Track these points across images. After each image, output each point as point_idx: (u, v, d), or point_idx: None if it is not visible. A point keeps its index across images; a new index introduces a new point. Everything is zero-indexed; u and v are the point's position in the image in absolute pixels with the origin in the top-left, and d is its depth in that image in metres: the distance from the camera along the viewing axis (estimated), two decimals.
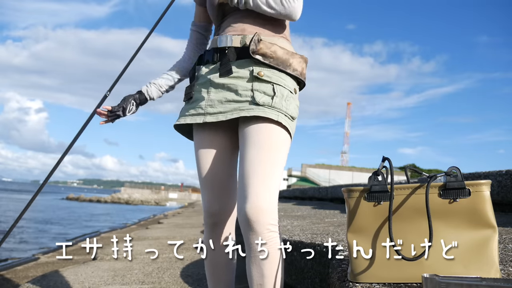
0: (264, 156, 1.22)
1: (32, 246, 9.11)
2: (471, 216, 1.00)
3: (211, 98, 1.33)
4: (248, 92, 1.28)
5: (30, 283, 2.73)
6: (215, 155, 1.39)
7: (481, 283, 0.86)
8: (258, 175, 1.21)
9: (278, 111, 1.26)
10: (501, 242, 1.56)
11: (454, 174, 1.02)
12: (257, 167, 1.21)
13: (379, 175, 1.08)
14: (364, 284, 1.06)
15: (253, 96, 1.27)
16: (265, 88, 1.28)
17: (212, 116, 1.32)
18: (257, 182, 1.20)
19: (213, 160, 1.39)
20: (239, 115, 1.26)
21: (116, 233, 9.45)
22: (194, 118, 1.35)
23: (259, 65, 1.30)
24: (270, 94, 1.27)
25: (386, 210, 1.05)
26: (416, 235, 1.03)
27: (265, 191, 1.20)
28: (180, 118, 1.40)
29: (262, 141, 1.24)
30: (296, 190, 10.25)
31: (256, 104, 1.26)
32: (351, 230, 1.10)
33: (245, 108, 1.26)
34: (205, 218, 1.41)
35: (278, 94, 1.28)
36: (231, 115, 1.28)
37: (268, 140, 1.24)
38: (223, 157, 1.39)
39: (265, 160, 1.22)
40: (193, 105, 1.38)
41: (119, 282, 2.72)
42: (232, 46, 1.34)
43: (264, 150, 1.23)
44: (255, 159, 1.22)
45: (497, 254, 1.00)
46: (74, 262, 3.88)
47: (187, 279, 2.78)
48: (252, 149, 1.24)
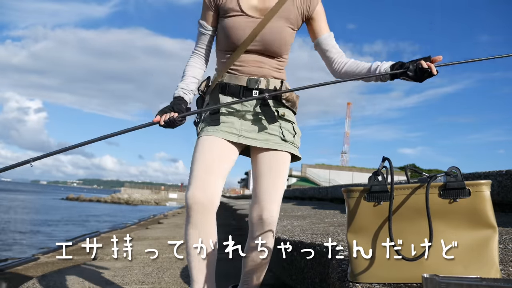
0: (282, 180, 1.64)
1: (32, 246, 9.12)
2: (471, 216, 1.00)
3: (245, 125, 1.62)
4: (277, 129, 1.63)
5: (30, 283, 2.73)
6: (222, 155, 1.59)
7: (481, 283, 0.86)
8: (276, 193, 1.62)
9: (295, 147, 1.67)
10: (501, 242, 1.56)
11: (454, 174, 1.02)
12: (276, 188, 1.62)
13: (379, 175, 1.08)
14: (364, 284, 1.06)
15: (282, 133, 1.63)
16: (289, 127, 1.65)
17: (246, 139, 1.61)
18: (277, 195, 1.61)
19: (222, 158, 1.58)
20: (273, 147, 1.61)
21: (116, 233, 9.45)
22: (228, 136, 1.60)
23: (283, 107, 1.64)
24: (292, 132, 1.66)
25: (386, 210, 1.05)
26: (416, 235, 1.03)
27: (278, 206, 1.62)
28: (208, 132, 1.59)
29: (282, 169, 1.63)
30: (296, 190, 10.25)
31: (285, 140, 1.64)
32: (351, 230, 1.10)
33: (277, 142, 1.62)
34: (188, 206, 1.50)
35: (297, 132, 1.68)
36: (265, 144, 1.61)
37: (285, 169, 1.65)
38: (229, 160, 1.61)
39: (282, 183, 1.63)
40: (225, 126, 1.60)
41: (119, 282, 2.72)
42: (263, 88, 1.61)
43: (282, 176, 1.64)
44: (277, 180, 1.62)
45: (497, 254, 1.00)
46: (74, 262, 3.88)
47: (187, 279, 2.78)
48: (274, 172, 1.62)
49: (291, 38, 1.64)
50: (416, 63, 1.49)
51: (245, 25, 1.57)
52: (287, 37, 1.62)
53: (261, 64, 1.61)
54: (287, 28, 1.61)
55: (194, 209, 1.48)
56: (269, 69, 1.63)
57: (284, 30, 1.60)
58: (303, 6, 1.63)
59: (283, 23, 1.60)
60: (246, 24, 1.57)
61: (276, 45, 1.60)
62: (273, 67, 1.64)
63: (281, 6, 1.58)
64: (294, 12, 1.62)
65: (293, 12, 1.61)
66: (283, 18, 1.60)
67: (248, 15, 1.58)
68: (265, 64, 1.62)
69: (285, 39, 1.61)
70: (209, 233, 1.51)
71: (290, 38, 1.63)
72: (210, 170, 1.53)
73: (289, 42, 1.64)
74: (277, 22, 1.58)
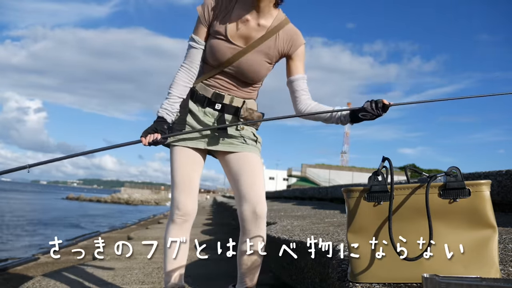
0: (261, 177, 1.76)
1: (32, 246, 9.12)
2: (471, 216, 1.00)
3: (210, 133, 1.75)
4: (238, 136, 1.76)
5: (30, 283, 2.73)
6: (194, 166, 1.78)
7: (481, 283, 0.86)
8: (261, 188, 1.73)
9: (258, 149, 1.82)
10: (501, 242, 1.56)
11: (454, 174, 1.02)
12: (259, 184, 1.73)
13: (379, 175, 1.08)
14: (364, 284, 1.06)
15: (244, 139, 1.77)
16: (249, 134, 1.79)
17: (211, 145, 1.75)
18: (262, 191, 1.73)
19: (195, 170, 1.78)
20: (237, 150, 1.75)
21: (116, 233, 9.46)
22: (196, 144, 1.75)
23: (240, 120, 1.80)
24: (253, 138, 1.80)
25: (386, 210, 1.05)
26: (416, 235, 1.03)
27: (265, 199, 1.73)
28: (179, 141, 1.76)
29: (257, 167, 1.76)
30: (296, 190, 10.25)
31: (247, 143, 1.78)
32: (351, 230, 1.10)
33: (240, 144, 1.76)
34: (178, 216, 1.74)
35: (258, 138, 1.82)
36: (229, 148, 1.75)
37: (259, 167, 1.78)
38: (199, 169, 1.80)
39: (262, 180, 1.76)
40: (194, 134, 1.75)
41: (119, 282, 2.72)
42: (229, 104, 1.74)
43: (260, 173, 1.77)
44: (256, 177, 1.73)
45: (497, 254, 1.00)
46: (74, 262, 3.88)
47: (187, 279, 2.78)
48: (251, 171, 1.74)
49: (267, 71, 1.76)
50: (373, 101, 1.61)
51: (226, 50, 1.68)
52: (262, 71, 1.73)
53: (231, 86, 1.75)
54: (264, 62, 1.72)
55: (181, 216, 1.74)
56: (238, 91, 1.76)
57: (260, 63, 1.71)
58: (285, 46, 1.72)
59: (261, 57, 1.71)
60: (227, 49, 1.68)
61: (250, 75, 1.71)
62: (243, 90, 1.77)
63: (263, 41, 1.69)
64: (274, 49, 1.71)
65: (273, 49, 1.71)
66: (263, 53, 1.70)
67: (231, 41, 1.68)
68: (236, 86, 1.75)
69: (259, 72, 1.73)
70: (187, 233, 1.77)
71: (265, 71, 1.75)
72: (189, 188, 1.75)
73: (264, 74, 1.76)
74: (255, 55, 1.69)
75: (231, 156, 1.78)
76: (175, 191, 1.76)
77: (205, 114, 1.76)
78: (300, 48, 1.75)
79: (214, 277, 2.84)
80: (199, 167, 1.81)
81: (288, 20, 1.73)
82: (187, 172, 1.76)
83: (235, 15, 1.68)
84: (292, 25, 1.74)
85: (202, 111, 1.76)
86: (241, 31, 1.69)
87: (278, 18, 1.71)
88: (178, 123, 1.75)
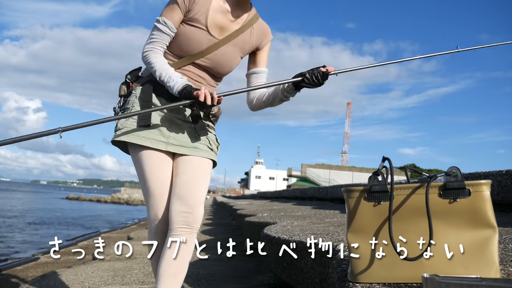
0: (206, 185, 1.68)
1: (32, 246, 9.11)
2: (471, 216, 1.00)
3: (173, 131, 1.63)
4: (204, 138, 1.67)
5: (30, 283, 2.73)
6: (167, 172, 1.65)
7: (481, 283, 0.86)
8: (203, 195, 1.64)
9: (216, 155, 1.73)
10: (501, 242, 1.56)
11: (454, 174, 1.02)
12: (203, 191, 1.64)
13: (379, 175, 1.08)
14: (364, 284, 1.06)
15: (209, 142, 1.69)
16: (213, 138, 1.72)
17: (174, 147, 1.63)
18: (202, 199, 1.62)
19: (165, 175, 1.64)
20: (201, 155, 1.65)
21: (116, 233, 9.45)
22: (157, 144, 1.60)
23: (208, 120, 1.71)
24: (215, 143, 1.73)
25: (386, 210, 1.05)
26: (416, 235, 1.03)
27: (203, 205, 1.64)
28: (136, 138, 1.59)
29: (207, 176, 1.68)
30: (296, 190, 10.25)
31: (211, 149, 1.70)
32: (351, 230, 1.10)
33: (204, 150, 1.67)
34: (157, 224, 1.63)
35: (219, 143, 1.76)
36: (193, 152, 1.65)
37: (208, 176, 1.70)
38: (170, 174, 1.66)
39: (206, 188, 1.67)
40: (154, 132, 1.60)
41: (119, 282, 2.72)
42: None
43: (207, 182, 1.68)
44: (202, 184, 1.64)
45: (497, 254, 1.00)
46: (73, 262, 3.89)
47: (187, 279, 2.78)
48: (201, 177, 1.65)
49: (237, 65, 1.72)
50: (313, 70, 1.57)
51: (202, 41, 1.60)
52: (234, 64, 1.70)
53: (200, 79, 1.66)
54: (238, 56, 1.69)
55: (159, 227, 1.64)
56: (205, 84, 1.67)
57: (235, 58, 1.68)
58: (258, 40, 1.71)
59: (237, 51, 1.67)
60: (204, 40, 1.60)
61: (223, 68, 1.67)
62: (210, 85, 1.69)
63: (239, 34, 1.65)
64: (249, 43, 1.69)
65: (248, 43, 1.69)
66: (238, 47, 1.67)
67: (209, 33, 1.60)
68: (205, 80, 1.67)
69: (232, 66, 1.69)
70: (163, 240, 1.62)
71: (236, 65, 1.71)
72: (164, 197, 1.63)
73: (234, 68, 1.72)
74: (231, 48, 1.65)
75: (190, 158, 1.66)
76: (151, 199, 1.63)
77: (171, 110, 1.63)
78: (269, 44, 1.76)
79: (214, 277, 2.84)
80: (170, 171, 1.66)
81: (258, 15, 1.72)
82: (164, 184, 1.63)
83: (216, 4, 1.61)
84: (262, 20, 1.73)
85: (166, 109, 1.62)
86: (219, 21, 1.62)
87: (251, 12, 1.69)
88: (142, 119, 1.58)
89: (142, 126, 1.59)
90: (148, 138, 1.59)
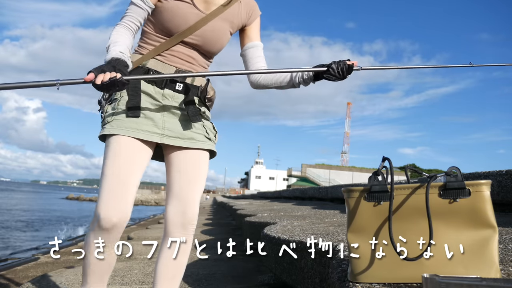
0: (204, 179, 1.59)
1: (32, 246, 9.11)
2: (471, 216, 1.00)
3: (167, 121, 1.51)
4: (201, 127, 1.56)
5: (30, 283, 2.73)
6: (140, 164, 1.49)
7: (481, 283, 0.86)
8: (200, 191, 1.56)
9: (215, 144, 1.62)
10: (501, 242, 1.56)
11: (454, 174, 1.02)
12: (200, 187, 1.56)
13: (379, 175, 1.08)
14: (364, 284, 1.06)
15: (206, 131, 1.57)
16: (210, 126, 1.60)
17: (170, 139, 1.51)
18: (198, 196, 1.54)
19: (138, 168, 1.48)
20: (198, 146, 1.54)
21: None
22: (151, 136, 1.48)
23: (203, 106, 1.60)
24: (213, 131, 1.61)
25: (386, 210, 1.05)
26: (416, 235, 1.03)
27: (198, 204, 1.56)
28: (127, 131, 1.45)
29: (205, 167, 1.58)
30: (296, 190, 10.25)
31: (209, 139, 1.58)
32: (351, 230, 1.09)
33: (201, 140, 1.55)
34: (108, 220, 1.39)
35: (217, 131, 1.64)
36: (190, 144, 1.53)
37: (207, 167, 1.60)
38: (143, 166, 1.51)
39: (204, 182, 1.58)
40: (147, 123, 1.48)
41: (119, 282, 2.72)
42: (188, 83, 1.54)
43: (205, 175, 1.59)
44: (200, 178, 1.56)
45: (497, 254, 1.00)
46: (74, 262, 3.88)
47: (187, 279, 2.78)
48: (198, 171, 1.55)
49: (227, 42, 1.63)
50: (339, 62, 1.49)
51: (189, 16, 1.49)
52: (225, 41, 1.60)
53: (192, 60, 1.55)
54: (228, 32, 1.60)
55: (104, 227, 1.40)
56: (198, 66, 1.57)
57: (225, 33, 1.59)
58: (246, 15, 1.63)
59: (226, 26, 1.58)
60: (190, 15, 1.49)
61: (213, 45, 1.56)
62: (201, 66, 1.58)
63: (227, 8, 1.56)
64: (237, 17, 1.61)
65: (236, 17, 1.60)
66: (228, 21, 1.58)
67: (195, 6, 1.50)
68: (196, 60, 1.56)
69: (223, 42, 1.60)
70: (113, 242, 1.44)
71: (226, 42, 1.62)
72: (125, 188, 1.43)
73: (224, 45, 1.62)
74: (221, 23, 1.56)
75: (186, 151, 1.55)
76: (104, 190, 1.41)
77: (164, 96, 1.51)
78: (258, 18, 1.67)
79: (214, 277, 2.84)
80: (142, 169, 1.50)
81: None
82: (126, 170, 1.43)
83: None
84: None
85: (160, 93, 1.51)
86: None
87: None
88: (130, 109, 1.46)
89: (132, 117, 1.46)
90: (142, 130, 1.47)
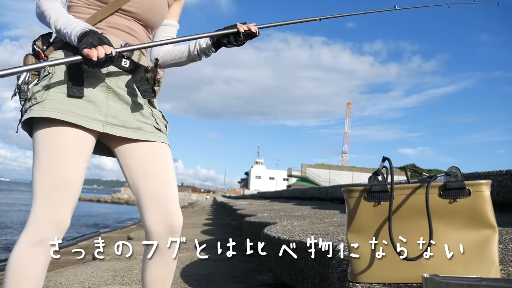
0: (174, 175, 1.39)
1: None
2: (471, 216, 1.00)
3: (111, 106, 1.29)
4: (149, 116, 1.37)
5: None
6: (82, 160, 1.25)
7: (481, 283, 0.86)
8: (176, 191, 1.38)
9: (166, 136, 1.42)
10: (501, 242, 1.56)
11: (454, 174, 1.02)
12: (174, 185, 1.38)
13: (379, 175, 1.08)
14: (364, 284, 1.06)
15: (156, 121, 1.38)
16: (159, 115, 1.41)
17: (113, 128, 1.28)
18: (176, 197, 1.38)
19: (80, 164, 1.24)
20: (148, 138, 1.34)
21: (116, 233, 9.46)
22: (91, 123, 1.24)
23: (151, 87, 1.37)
24: (163, 121, 1.42)
25: (386, 210, 1.05)
26: (416, 235, 1.03)
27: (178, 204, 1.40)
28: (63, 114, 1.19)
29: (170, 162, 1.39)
30: (296, 190, 10.25)
31: (159, 129, 1.38)
32: (351, 230, 1.10)
33: (150, 131, 1.35)
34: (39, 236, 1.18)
35: (167, 122, 1.45)
36: (137, 135, 1.32)
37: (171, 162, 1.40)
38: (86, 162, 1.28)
39: (175, 178, 1.39)
40: (88, 107, 1.24)
41: (119, 282, 2.72)
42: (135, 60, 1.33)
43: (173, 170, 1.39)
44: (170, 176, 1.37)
45: (497, 254, 1.00)
46: (74, 262, 3.89)
47: (187, 279, 2.78)
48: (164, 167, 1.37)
49: (166, 14, 1.49)
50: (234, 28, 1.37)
51: None
52: (164, 11, 1.46)
53: (133, 32, 1.37)
54: (166, 2, 1.47)
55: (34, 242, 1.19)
56: (138, 38, 1.39)
57: (163, 1, 1.45)
58: None
59: None
60: None
61: (154, 14, 1.40)
62: (142, 39, 1.40)
63: None
64: None
65: None
66: None
67: None
68: (137, 33, 1.38)
69: (163, 12, 1.46)
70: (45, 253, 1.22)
71: (165, 14, 1.48)
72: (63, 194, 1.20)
73: (165, 16, 1.49)
74: None
75: (139, 144, 1.34)
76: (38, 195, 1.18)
77: (108, 75, 1.29)
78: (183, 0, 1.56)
79: (214, 277, 2.84)
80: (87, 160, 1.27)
81: None
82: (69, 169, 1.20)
83: None
84: None
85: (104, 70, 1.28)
86: None
87: None
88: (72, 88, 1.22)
89: (73, 96, 1.22)
90: (81, 115, 1.22)
